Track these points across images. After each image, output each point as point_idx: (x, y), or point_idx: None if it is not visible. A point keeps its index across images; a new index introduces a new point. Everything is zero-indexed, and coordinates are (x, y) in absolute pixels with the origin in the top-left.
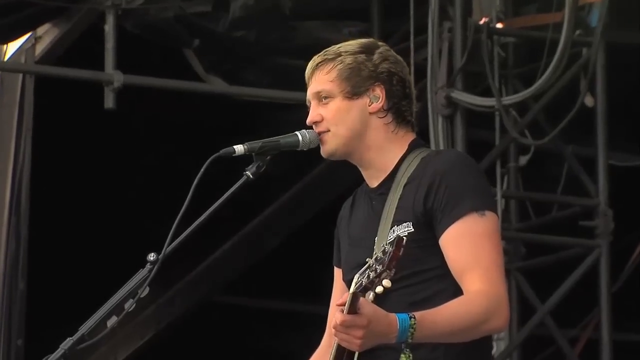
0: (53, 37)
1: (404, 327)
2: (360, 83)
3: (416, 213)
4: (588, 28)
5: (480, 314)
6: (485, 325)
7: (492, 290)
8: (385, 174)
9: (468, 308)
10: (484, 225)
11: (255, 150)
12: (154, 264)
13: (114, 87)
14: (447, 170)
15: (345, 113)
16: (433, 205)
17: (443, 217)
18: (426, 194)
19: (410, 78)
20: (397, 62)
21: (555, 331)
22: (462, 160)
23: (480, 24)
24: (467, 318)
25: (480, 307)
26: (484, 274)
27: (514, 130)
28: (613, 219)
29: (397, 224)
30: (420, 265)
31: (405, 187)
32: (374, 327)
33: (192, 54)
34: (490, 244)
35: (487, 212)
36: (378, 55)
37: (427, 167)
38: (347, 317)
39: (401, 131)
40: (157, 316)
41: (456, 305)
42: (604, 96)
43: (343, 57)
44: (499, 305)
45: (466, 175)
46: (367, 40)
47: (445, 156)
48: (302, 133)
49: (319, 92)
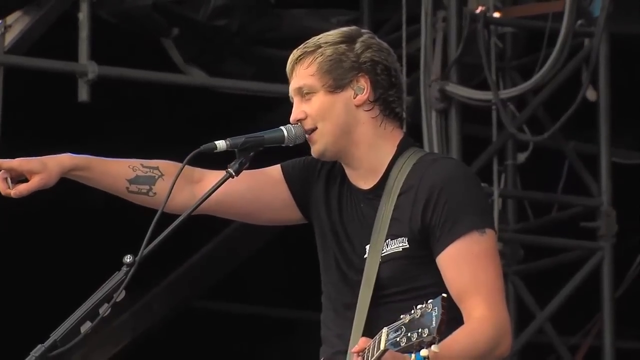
0: (24, 26)
1: None
2: (343, 75)
3: (413, 229)
4: (590, 18)
5: (488, 343)
6: (493, 353)
7: (496, 317)
8: (375, 176)
9: (476, 339)
10: (484, 244)
11: (238, 146)
12: (131, 267)
13: (88, 78)
14: (445, 184)
15: (329, 108)
16: (431, 221)
17: (442, 234)
18: (424, 209)
19: (397, 66)
20: (380, 49)
21: (555, 338)
22: (461, 173)
23: (477, 13)
24: (476, 348)
25: (487, 337)
26: (486, 299)
27: (511, 126)
28: (616, 219)
29: (391, 237)
30: (414, 282)
31: (400, 197)
32: None
33: (170, 44)
34: (491, 264)
35: (487, 229)
36: (360, 44)
37: (423, 177)
38: None
39: (389, 126)
40: (134, 322)
41: (464, 337)
42: (607, 90)
43: (323, 48)
44: (504, 332)
45: (465, 189)
46: (349, 29)
47: (442, 167)
48: (288, 128)
49: (300, 87)
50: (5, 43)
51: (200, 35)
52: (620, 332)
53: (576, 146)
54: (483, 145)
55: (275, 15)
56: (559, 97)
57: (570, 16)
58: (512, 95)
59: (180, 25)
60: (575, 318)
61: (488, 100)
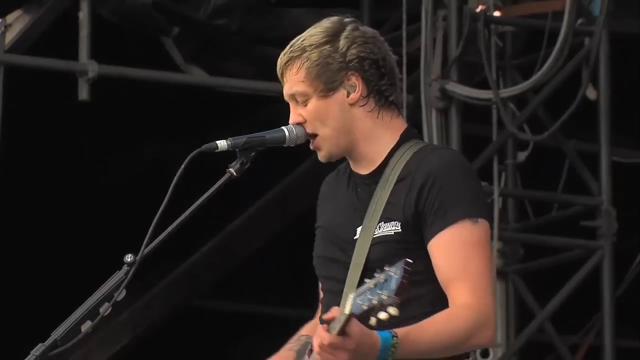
0: (24, 25)
1: (386, 346)
2: (332, 77)
3: (406, 214)
4: (590, 16)
5: (467, 329)
6: (471, 341)
7: (479, 304)
8: (374, 164)
9: (454, 324)
10: (476, 233)
11: (239, 146)
12: (131, 266)
13: (88, 77)
14: (441, 171)
15: (325, 112)
16: (424, 207)
17: (434, 221)
18: (418, 195)
19: (384, 53)
20: (365, 42)
21: (555, 337)
22: (458, 162)
23: (477, 12)
24: (452, 334)
25: (466, 323)
26: (471, 286)
27: (512, 125)
28: (616, 219)
29: (385, 220)
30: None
31: (397, 183)
32: (359, 349)
33: (171, 43)
34: (481, 254)
35: (480, 219)
36: (344, 41)
37: (420, 164)
38: (336, 339)
39: (387, 115)
40: (134, 321)
41: (441, 321)
42: (607, 89)
43: (308, 52)
44: (485, 320)
45: (461, 178)
46: (331, 24)
47: (440, 156)
48: (289, 128)
49: (292, 94)
50: (5, 42)
51: (200, 34)
52: (621, 331)
53: (576, 145)
54: (483, 144)
55: (275, 14)
56: (559, 96)
57: (571, 15)
58: (512, 94)
59: (181, 24)
60: (576, 317)
61: (488, 99)
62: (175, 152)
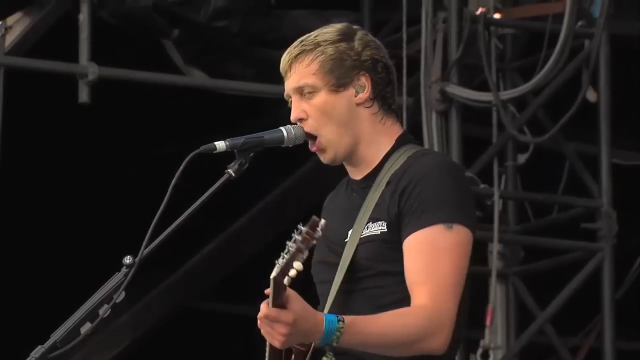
0: (24, 27)
1: (330, 329)
2: (345, 74)
3: (390, 214)
4: (590, 19)
5: (417, 330)
6: (420, 344)
7: (435, 308)
8: (370, 168)
9: (405, 322)
10: (448, 239)
11: (238, 147)
12: (130, 268)
13: (88, 80)
14: (425, 174)
15: (332, 107)
16: (404, 208)
17: (409, 222)
18: (400, 195)
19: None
20: (378, 47)
21: (556, 339)
22: (444, 167)
23: (477, 14)
24: (402, 332)
25: (417, 323)
26: (432, 290)
27: (512, 127)
28: (617, 220)
29: (372, 220)
30: (388, 266)
31: (386, 186)
32: (299, 325)
33: (171, 45)
34: (450, 260)
35: (455, 225)
36: (358, 42)
37: (409, 168)
38: (273, 311)
39: (388, 121)
40: (133, 323)
41: (393, 316)
42: (607, 91)
43: (323, 47)
44: (439, 325)
45: (444, 182)
46: (342, 26)
47: (428, 160)
48: (287, 129)
49: (301, 87)
50: (5, 44)
51: (200, 36)
52: (621, 333)
53: (577, 147)
54: (483, 146)
55: (275, 16)
56: (559, 98)
57: (571, 17)
58: (513, 97)
59: (181, 26)
60: (576, 319)
61: (488, 102)
62: (175, 153)
